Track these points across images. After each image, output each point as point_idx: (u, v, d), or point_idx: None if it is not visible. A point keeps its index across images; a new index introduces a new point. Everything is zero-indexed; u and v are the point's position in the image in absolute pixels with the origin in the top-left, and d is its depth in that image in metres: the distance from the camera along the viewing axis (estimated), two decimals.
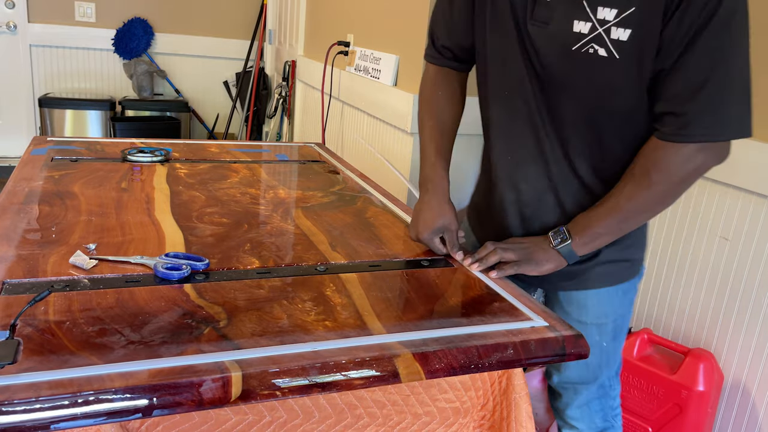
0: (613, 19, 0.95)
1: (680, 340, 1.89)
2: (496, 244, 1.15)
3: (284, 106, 4.36)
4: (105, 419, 0.69)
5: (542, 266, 1.11)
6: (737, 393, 1.73)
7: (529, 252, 1.12)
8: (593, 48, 0.98)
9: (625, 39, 0.95)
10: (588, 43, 0.98)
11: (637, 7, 0.93)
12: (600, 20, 0.96)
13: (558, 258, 1.11)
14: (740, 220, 1.70)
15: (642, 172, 1.03)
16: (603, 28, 0.96)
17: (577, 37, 0.99)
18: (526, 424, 1.00)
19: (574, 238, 1.09)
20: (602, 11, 0.96)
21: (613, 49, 0.97)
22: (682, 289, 1.90)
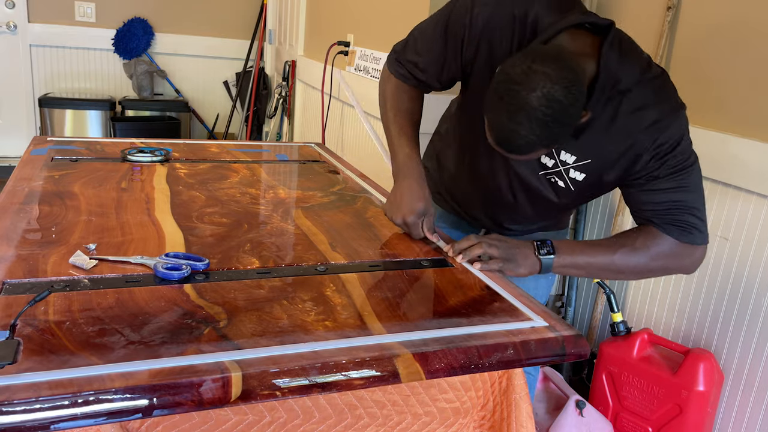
0: (572, 164, 1.20)
1: (680, 340, 1.89)
2: (481, 239, 1.21)
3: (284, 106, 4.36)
4: (105, 419, 0.69)
5: (520, 269, 1.20)
6: (737, 393, 1.73)
7: (513, 253, 1.20)
8: (554, 179, 1.24)
9: (580, 180, 1.21)
10: (551, 174, 1.24)
11: (592, 162, 1.18)
12: (561, 161, 1.21)
13: (536, 265, 1.21)
14: (740, 220, 1.70)
15: (642, 246, 1.20)
16: (563, 167, 1.22)
17: (543, 167, 1.24)
18: (526, 424, 1.00)
19: (558, 256, 1.20)
20: (564, 155, 1.20)
21: (570, 184, 1.23)
22: (682, 289, 1.90)
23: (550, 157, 1.21)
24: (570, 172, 1.21)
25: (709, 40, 1.81)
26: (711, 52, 1.80)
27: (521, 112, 0.99)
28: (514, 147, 1.04)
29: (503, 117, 1.01)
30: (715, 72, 1.79)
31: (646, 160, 1.14)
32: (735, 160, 1.69)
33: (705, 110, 1.82)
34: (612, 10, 2.18)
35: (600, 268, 1.23)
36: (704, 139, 1.79)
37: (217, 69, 4.89)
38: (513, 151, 1.05)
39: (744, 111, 1.70)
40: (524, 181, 1.28)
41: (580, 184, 1.22)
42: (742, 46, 1.71)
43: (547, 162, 1.22)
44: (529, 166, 1.25)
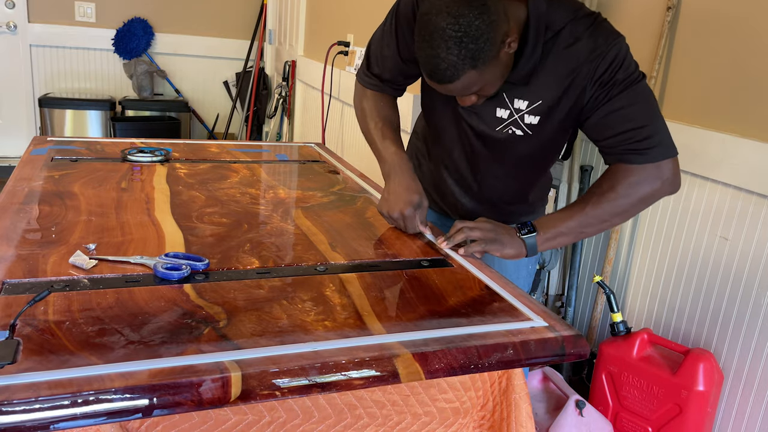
0: (525, 109, 1.25)
1: (680, 340, 1.89)
2: (464, 223, 1.26)
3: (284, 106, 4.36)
4: (105, 419, 0.69)
5: (506, 249, 1.24)
6: (737, 393, 1.73)
7: (496, 233, 1.25)
8: (512, 129, 1.29)
9: (535, 123, 1.26)
10: (508, 126, 1.29)
11: (543, 101, 1.23)
12: (516, 109, 1.26)
13: (521, 247, 1.25)
14: (740, 220, 1.70)
15: (609, 186, 1.23)
16: (518, 115, 1.27)
17: (499, 121, 1.29)
18: (526, 424, 1.00)
19: (539, 233, 1.24)
20: (517, 102, 1.25)
21: (528, 129, 1.28)
22: (682, 289, 1.90)
23: (504, 108, 1.26)
24: (525, 118, 1.26)
25: (709, 40, 1.81)
26: (711, 53, 1.80)
27: (434, 36, 1.06)
28: (443, 75, 1.09)
29: (424, 48, 1.08)
30: (715, 72, 1.79)
31: (590, 90, 1.18)
32: (735, 160, 1.69)
33: (705, 110, 1.82)
34: (612, 10, 2.18)
35: (582, 226, 1.25)
36: (704, 139, 1.79)
37: (217, 69, 4.89)
38: (444, 80, 1.10)
39: (744, 111, 1.70)
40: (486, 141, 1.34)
41: (537, 128, 1.26)
42: (742, 46, 1.71)
43: (503, 114, 1.27)
44: (486, 125, 1.31)
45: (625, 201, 1.22)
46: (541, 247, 1.25)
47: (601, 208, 1.23)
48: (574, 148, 2.28)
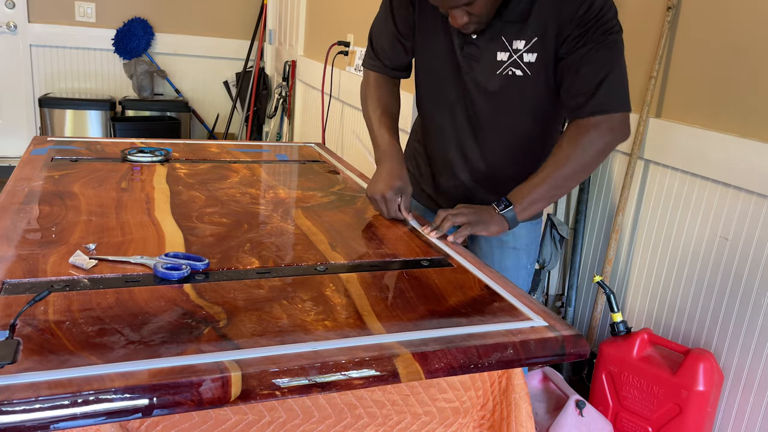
0: (524, 48, 1.31)
1: (680, 340, 1.89)
2: (447, 212, 1.32)
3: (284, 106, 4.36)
4: (105, 419, 0.69)
5: (490, 227, 1.30)
6: (737, 393, 1.73)
7: (478, 215, 1.30)
8: (512, 71, 1.33)
9: (533, 61, 1.31)
10: (508, 67, 1.34)
11: (538, 36, 1.29)
12: (515, 50, 1.32)
13: (503, 222, 1.31)
14: (740, 220, 1.70)
15: (569, 144, 1.30)
16: (517, 55, 1.32)
17: (500, 64, 1.34)
18: (526, 424, 1.00)
19: (516, 205, 1.30)
20: (516, 43, 1.31)
21: (527, 69, 1.33)
22: (682, 289, 1.90)
23: (504, 51, 1.32)
24: (524, 57, 1.32)
25: (709, 40, 1.81)
26: (711, 52, 1.80)
27: None
28: None
29: None
30: (715, 72, 1.79)
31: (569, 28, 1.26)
32: (735, 160, 1.69)
33: (705, 110, 1.82)
34: None
35: (552, 188, 1.32)
36: (704, 139, 1.79)
37: (217, 69, 4.89)
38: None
39: (744, 111, 1.70)
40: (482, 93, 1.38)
41: (535, 65, 1.32)
42: (742, 46, 1.71)
43: (503, 57, 1.33)
44: (488, 71, 1.35)
45: (586, 156, 1.30)
46: (520, 217, 1.32)
47: (565, 168, 1.30)
48: None
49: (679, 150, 1.88)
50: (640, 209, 2.06)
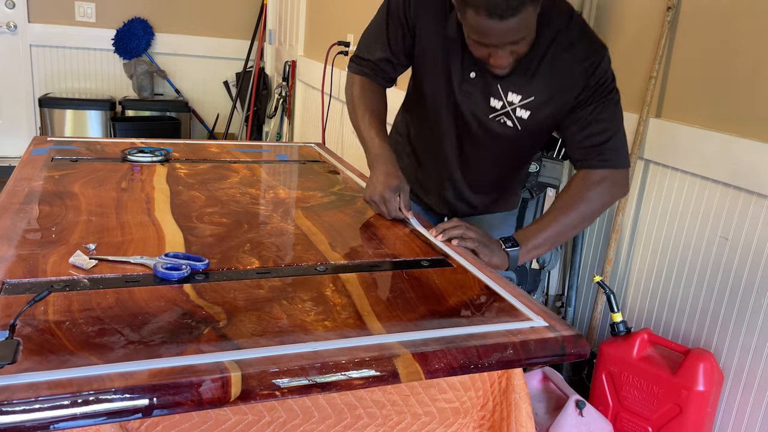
0: (518, 103, 1.36)
1: (680, 340, 1.89)
2: (463, 222, 1.35)
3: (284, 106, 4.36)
4: (105, 419, 0.69)
5: (493, 257, 1.32)
6: (737, 393, 1.73)
7: (488, 240, 1.34)
8: (503, 119, 1.39)
9: (525, 117, 1.37)
10: (500, 115, 1.39)
11: (535, 98, 1.34)
12: (509, 102, 1.37)
13: (505, 259, 1.34)
14: (740, 220, 1.70)
15: (578, 194, 1.37)
16: (510, 107, 1.37)
17: (492, 110, 1.39)
18: (526, 424, 1.00)
19: (522, 247, 1.35)
20: (510, 95, 1.36)
21: (517, 122, 1.38)
22: (682, 289, 1.90)
23: (498, 99, 1.37)
24: (516, 111, 1.37)
25: (709, 40, 1.81)
26: (711, 52, 1.80)
27: None
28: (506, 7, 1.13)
29: None
30: (715, 72, 1.79)
31: (578, 92, 1.32)
32: (735, 160, 1.69)
33: (705, 110, 1.82)
34: (612, 10, 2.18)
35: (558, 235, 1.38)
36: (704, 139, 1.79)
37: (217, 69, 4.89)
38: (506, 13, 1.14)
39: (744, 111, 1.70)
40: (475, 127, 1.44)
41: (526, 122, 1.37)
42: (741, 46, 1.71)
43: (496, 104, 1.38)
44: (480, 111, 1.41)
45: (592, 207, 1.38)
46: (521, 260, 1.36)
47: (572, 216, 1.37)
48: None
49: (679, 150, 1.88)
50: (640, 209, 2.06)
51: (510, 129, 1.39)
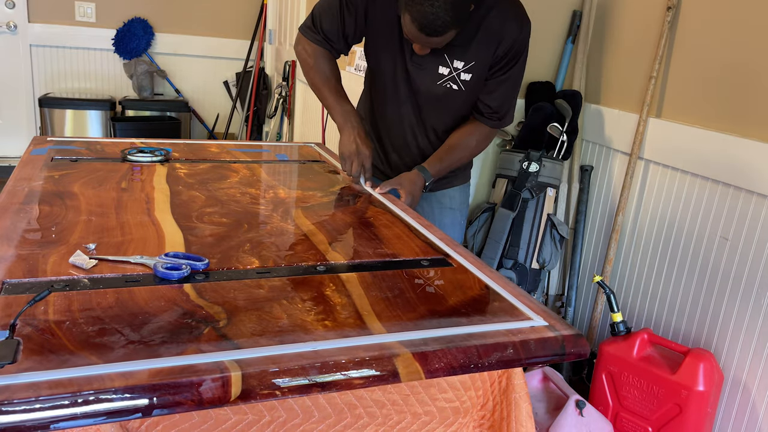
0: (462, 68, 1.61)
1: (680, 340, 1.89)
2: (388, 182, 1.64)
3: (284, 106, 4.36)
4: (105, 419, 0.69)
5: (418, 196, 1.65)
6: (737, 393, 1.73)
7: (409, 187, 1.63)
8: (449, 84, 1.64)
9: (468, 79, 1.63)
10: (447, 81, 1.64)
11: (475, 62, 1.60)
12: (455, 68, 1.61)
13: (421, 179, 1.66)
14: (740, 220, 1.70)
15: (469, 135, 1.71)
16: (456, 72, 1.62)
17: (440, 77, 1.63)
18: (526, 423, 1.00)
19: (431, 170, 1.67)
20: (456, 62, 1.61)
21: (462, 85, 1.64)
22: (682, 289, 1.90)
23: (445, 66, 1.61)
24: (461, 76, 1.62)
25: (709, 40, 1.81)
26: (711, 52, 1.80)
27: None
28: (435, 28, 1.39)
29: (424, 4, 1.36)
30: (715, 72, 1.79)
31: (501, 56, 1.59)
32: (735, 160, 1.69)
33: (705, 110, 1.82)
34: (612, 10, 2.18)
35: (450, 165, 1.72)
36: (704, 139, 1.79)
37: (217, 69, 4.89)
38: (433, 34, 1.41)
39: (744, 111, 1.70)
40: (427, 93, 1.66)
41: (469, 83, 1.63)
42: (742, 45, 1.71)
43: (444, 71, 1.62)
44: (429, 80, 1.64)
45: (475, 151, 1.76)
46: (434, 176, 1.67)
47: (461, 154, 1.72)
48: (574, 148, 2.28)
49: (679, 150, 1.88)
50: (640, 209, 2.06)
51: (456, 92, 1.64)
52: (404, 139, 1.80)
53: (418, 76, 1.65)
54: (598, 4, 2.24)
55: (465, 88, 1.64)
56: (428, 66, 1.62)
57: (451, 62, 1.61)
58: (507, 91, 1.66)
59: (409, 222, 1.38)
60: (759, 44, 1.65)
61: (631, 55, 2.09)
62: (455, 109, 1.72)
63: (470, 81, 1.63)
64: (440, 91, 1.65)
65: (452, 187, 1.89)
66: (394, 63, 1.66)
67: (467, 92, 1.65)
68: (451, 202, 1.89)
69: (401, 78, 1.68)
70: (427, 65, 1.62)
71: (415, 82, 1.66)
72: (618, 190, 2.13)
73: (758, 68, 1.66)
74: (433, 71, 1.62)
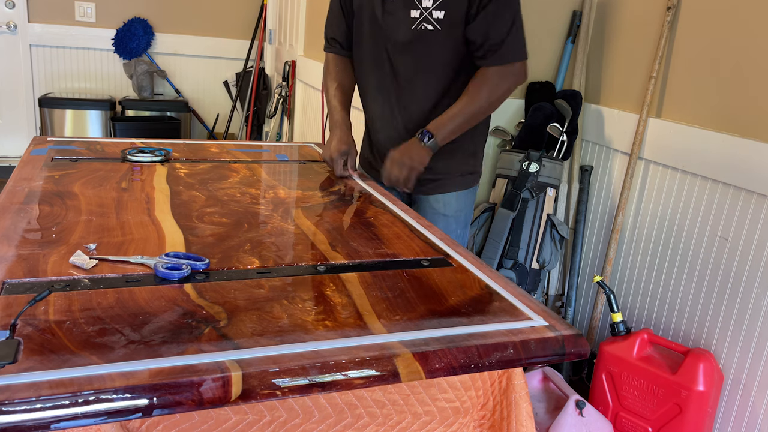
0: (432, 6, 1.58)
1: (680, 340, 1.89)
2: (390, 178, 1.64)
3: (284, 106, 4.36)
4: (105, 419, 0.69)
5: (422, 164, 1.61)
6: (737, 393, 1.73)
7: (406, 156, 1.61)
8: (423, 26, 1.60)
9: (441, 17, 1.58)
10: (420, 23, 1.60)
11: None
12: (425, 8, 1.59)
13: (428, 152, 1.62)
14: (740, 220, 1.70)
15: (474, 88, 1.61)
16: (427, 12, 1.59)
17: (413, 20, 1.61)
18: (526, 423, 1.00)
19: (437, 136, 1.61)
20: (425, 1, 1.58)
21: (437, 24, 1.59)
22: (682, 289, 1.90)
23: (415, 8, 1.59)
24: (433, 14, 1.58)
25: (709, 40, 1.81)
26: (711, 53, 1.81)
27: None
28: None
29: None
30: (715, 72, 1.79)
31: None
32: (735, 160, 1.69)
33: (705, 110, 1.82)
34: (612, 10, 2.18)
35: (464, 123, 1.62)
36: (704, 139, 1.79)
37: (217, 69, 4.89)
38: None
39: (743, 111, 1.70)
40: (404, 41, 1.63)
41: (444, 21, 1.58)
42: (742, 45, 1.71)
43: (416, 14, 1.60)
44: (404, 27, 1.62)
45: (489, 98, 1.62)
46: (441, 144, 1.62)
47: (473, 107, 1.61)
48: (574, 148, 2.28)
49: (679, 150, 1.88)
50: (640, 209, 2.06)
51: (430, 33, 1.60)
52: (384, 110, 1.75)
53: (389, 25, 1.63)
54: (598, 4, 2.24)
55: (440, 27, 1.58)
56: (400, 13, 1.61)
57: (419, 2, 1.58)
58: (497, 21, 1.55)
59: (409, 222, 1.38)
60: (759, 44, 1.66)
61: (631, 55, 2.09)
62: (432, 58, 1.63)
63: (444, 19, 1.57)
64: (414, 35, 1.61)
65: (447, 192, 1.77)
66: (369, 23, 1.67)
67: (443, 32, 1.59)
68: (445, 208, 1.78)
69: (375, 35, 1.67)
70: (399, 12, 1.61)
71: (388, 32, 1.64)
72: (618, 190, 2.13)
73: (758, 68, 1.66)
74: (406, 14, 1.60)
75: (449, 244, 1.28)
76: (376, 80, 1.74)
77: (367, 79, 1.78)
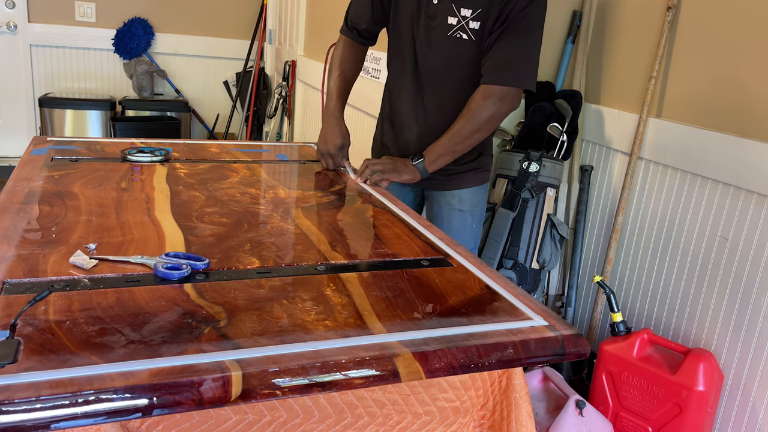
0: (470, 16, 1.61)
1: (680, 340, 1.89)
2: (368, 161, 1.67)
3: (284, 106, 4.36)
4: (105, 419, 0.69)
5: (402, 175, 1.66)
6: (737, 393, 1.73)
7: (394, 164, 1.66)
8: (459, 34, 1.64)
9: (477, 28, 1.62)
10: (456, 31, 1.64)
11: (482, 9, 1.60)
12: (463, 17, 1.62)
13: (414, 171, 1.66)
14: (740, 220, 1.70)
15: (469, 109, 1.62)
16: (464, 21, 1.63)
17: (450, 27, 1.64)
18: (526, 423, 1.00)
19: (425, 159, 1.65)
20: (463, 11, 1.62)
21: (471, 34, 1.63)
22: (682, 289, 1.90)
23: (453, 16, 1.63)
24: (470, 24, 1.62)
25: (709, 40, 1.81)
26: (711, 52, 1.80)
27: None
28: None
29: None
30: (715, 72, 1.79)
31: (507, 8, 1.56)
32: (735, 160, 1.69)
33: (705, 110, 1.82)
34: (612, 10, 2.18)
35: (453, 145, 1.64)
36: (704, 139, 1.79)
37: (217, 69, 4.89)
38: None
39: (744, 111, 1.70)
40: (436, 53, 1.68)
41: (478, 32, 1.62)
42: (742, 45, 1.71)
43: (453, 22, 1.63)
44: (441, 31, 1.65)
45: (480, 119, 1.61)
46: (429, 169, 1.65)
47: (464, 128, 1.62)
48: (574, 148, 2.28)
49: (679, 150, 1.88)
50: (640, 209, 2.06)
51: (465, 42, 1.63)
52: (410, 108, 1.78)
53: (430, 28, 1.66)
54: (598, 4, 2.24)
55: (475, 38, 1.62)
56: (440, 18, 1.64)
57: (458, 10, 1.61)
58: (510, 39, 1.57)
59: (409, 222, 1.38)
60: (759, 44, 1.66)
61: (631, 55, 2.09)
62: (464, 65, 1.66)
63: (479, 30, 1.61)
64: (451, 42, 1.64)
65: (463, 188, 1.82)
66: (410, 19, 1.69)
67: (477, 42, 1.62)
68: (460, 203, 1.83)
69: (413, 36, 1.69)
70: (439, 17, 1.64)
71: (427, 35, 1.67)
72: (618, 190, 2.13)
73: (758, 68, 1.66)
74: (444, 21, 1.63)
75: (449, 244, 1.28)
76: (407, 79, 1.76)
77: (398, 77, 1.80)
